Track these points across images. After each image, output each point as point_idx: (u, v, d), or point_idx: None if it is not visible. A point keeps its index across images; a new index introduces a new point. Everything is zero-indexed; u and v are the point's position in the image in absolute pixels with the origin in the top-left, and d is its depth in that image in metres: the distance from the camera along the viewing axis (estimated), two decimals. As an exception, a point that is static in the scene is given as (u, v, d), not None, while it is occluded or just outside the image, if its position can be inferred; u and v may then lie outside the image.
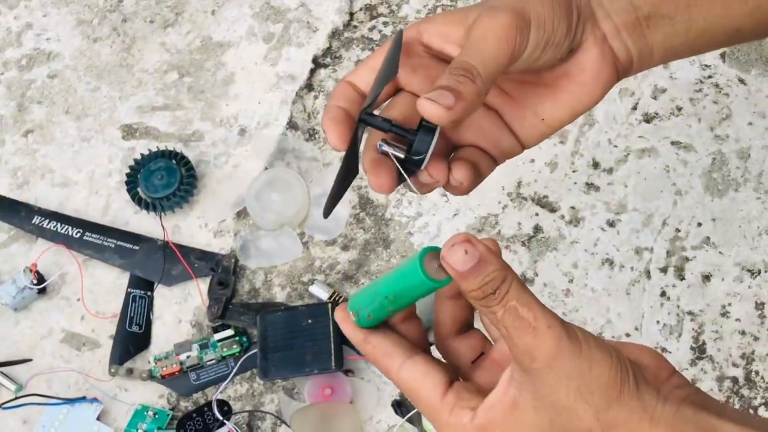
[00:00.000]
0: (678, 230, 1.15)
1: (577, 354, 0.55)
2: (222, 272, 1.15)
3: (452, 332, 0.65)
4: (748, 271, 1.13)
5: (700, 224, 1.15)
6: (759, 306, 1.11)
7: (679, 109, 1.21)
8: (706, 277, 1.13)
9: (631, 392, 0.56)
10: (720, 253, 1.14)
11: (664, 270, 1.13)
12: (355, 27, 1.30)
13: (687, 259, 1.14)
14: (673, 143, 1.19)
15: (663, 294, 1.12)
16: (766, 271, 1.12)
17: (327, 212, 0.66)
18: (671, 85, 1.23)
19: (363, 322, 0.64)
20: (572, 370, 0.55)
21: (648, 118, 1.21)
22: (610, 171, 1.18)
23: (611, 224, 1.16)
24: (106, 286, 1.16)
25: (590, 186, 1.18)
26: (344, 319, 0.64)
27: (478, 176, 0.67)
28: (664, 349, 1.09)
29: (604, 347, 0.56)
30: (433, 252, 0.58)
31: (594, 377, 0.55)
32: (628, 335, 1.10)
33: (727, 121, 1.20)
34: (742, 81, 1.22)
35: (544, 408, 0.56)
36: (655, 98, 1.22)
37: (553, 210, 1.17)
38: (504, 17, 0.62)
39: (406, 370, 0.61)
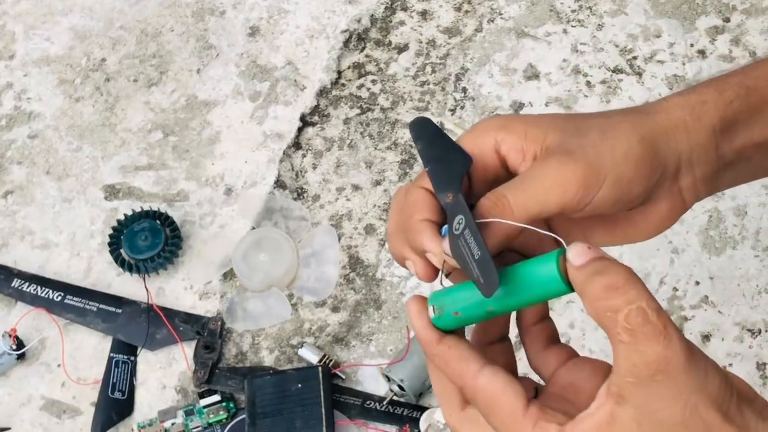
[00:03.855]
0: (676, 289, 1.13)
1: (700, 366, 0.51)
2: (208, 335, 1.11)
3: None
4: (749, 330, 1.10)
5: (698, 283, 1.13)
6: (761, 366, 1.08)
7: (674, 166, 1.19)
8: (706, 337, 1.10)
9: (736, 409, 0.52)
10: (719, 312, 1.11)
11: (662, 330, 1.10)
12: (344, 85, 1.29)
13: (686, 319, 1.11)
14: (668, 201, 1.17)
15: (662, 355, 1.09)
16: (766, 331, 1.10)
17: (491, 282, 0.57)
18: (665, 141, 1.21)
19: (444, 320, 0.58)
20: (695, 383, 0.51)
21: (642, 176, 1.19)
22: (605, 229, 1.16)
23: (607, 283, 1.13)
24: (87, 351, 1.13)
25: (585, 244, 1.15)
26: (419, 313, 0.59)
27: None
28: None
29: (710, 359, 0.53)
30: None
31: (709, 391, 0.51)
32: (627, 397, 1.07)
33: (723, 178, 1.18)
34: (736, 137, 1.21)
35: (651, 424, 0.52)
36: (648, 155, 1.20)
37: (547, 269, 1.14)
38: (573, 168, 0.58)
39: (486, 376, 0.56)
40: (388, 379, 1.07)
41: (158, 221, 1.16)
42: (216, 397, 1.08)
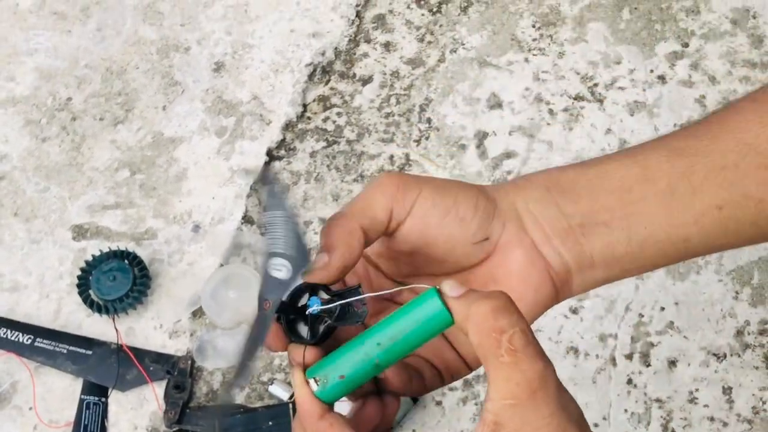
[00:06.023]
0: (641, 315, 1.14)
1: (565, 390, 0.55)
2: (178, 375, 1.12)
3: None
4: (714, 355, 1.11)
5: (663, 308, 1.14)
6: (726, 391, 1.10)
7: (637, 192, 1.21)
8: (672, 363, 1.11)
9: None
10: (685, 337, 1.12)
11: (629, 357, 1.12)
12: (309, 118, 1.29)
13: (652, 345, 1.12)
14: (632, 227, 1.18)
15: (629, 381, 1.10)
16: (731, 355, 1.11)
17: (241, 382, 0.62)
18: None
19: (330, 390, 0.58)
20: (565, 404, 0.54)
21: (606, 203, 1.20)
22: (570, 257, 1.17)
23: (574, 311, 1.15)
24: (58, 393, 1.13)
25: (551, 273, 1.16)
26: (302, 384, 0.59)
27: (419, 383, 0.64)
28: (633, 439, 1.08)
29: None
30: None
31: (574, 413, 0.55)
32: (596, 425, 1.08)
33: (685, 203, 1.20)
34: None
35: None
36: (612, 182, 1.21)
37: (514, 299, 1.15)
38: (393, 174, 0.63)
39: None
40: (359, 414, 1.07)
41: (126, 261, 1.16)
42: (187, 437, 1.08)
